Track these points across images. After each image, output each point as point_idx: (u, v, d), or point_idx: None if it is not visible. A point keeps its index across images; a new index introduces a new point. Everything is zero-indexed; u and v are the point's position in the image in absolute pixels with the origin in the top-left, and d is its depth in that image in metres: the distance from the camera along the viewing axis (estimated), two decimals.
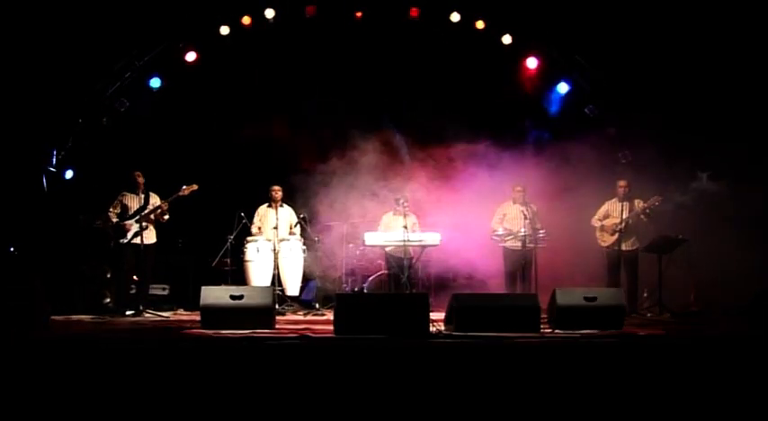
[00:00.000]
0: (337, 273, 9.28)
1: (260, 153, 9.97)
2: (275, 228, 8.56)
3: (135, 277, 8.42)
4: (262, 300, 6.49)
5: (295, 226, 8.97)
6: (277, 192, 8.89)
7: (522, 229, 8.43)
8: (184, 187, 8.23)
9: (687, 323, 7.42)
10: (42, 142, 9.77)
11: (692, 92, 9.21)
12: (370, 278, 8.56)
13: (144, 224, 8.08)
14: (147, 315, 7.97)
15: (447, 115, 9.51)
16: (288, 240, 8.75)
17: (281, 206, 8.92)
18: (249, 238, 8.73)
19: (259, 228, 8.84)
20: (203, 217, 9.33)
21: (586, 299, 6.48)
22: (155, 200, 8.33)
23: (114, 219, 8.24)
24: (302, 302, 9.02)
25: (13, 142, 9.30)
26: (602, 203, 8.74)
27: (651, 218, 8.38)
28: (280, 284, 8.51)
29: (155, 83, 10.05)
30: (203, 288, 6.50)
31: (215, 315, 6.28)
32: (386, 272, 8.65)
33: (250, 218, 8.87)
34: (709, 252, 8.25)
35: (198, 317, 6.49)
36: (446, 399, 4.40)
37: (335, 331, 5.99)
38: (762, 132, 8.68)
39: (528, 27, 10.22)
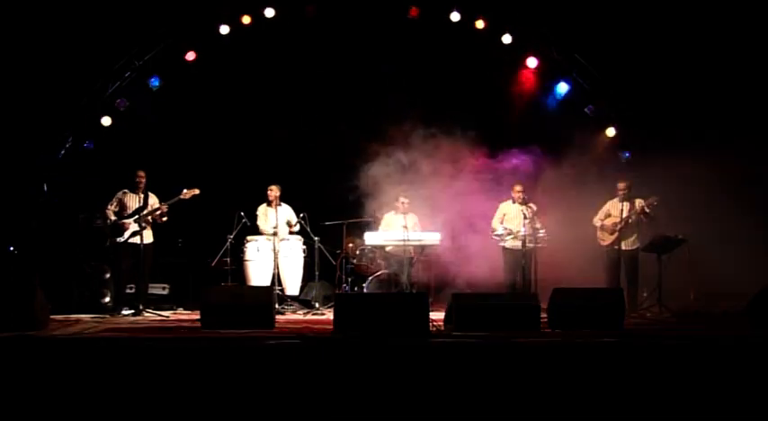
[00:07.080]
0: (337, 272, 9.28)
1: (260, 153, 9.95)
2: (275, 227, 8.55)
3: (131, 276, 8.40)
4: (261, 299, 6.49)
5: (295, 225, 8.96)
6: (273, 191, 8.86)
7: (522, 229, 8.42)
8: (185, 190, 8.13)
9: (687, 323, 7.41)
10: (42, 142, 9.76)
11: (692, 90, 9.20)
12: (370, 278, 8.54)
13: (142, 224, 8.05)
14: (147, 314, 7.95)
15: (447, 115, 9.49)
16: (288, 240, 8.75)
17: (280, 205, 8.90)
18: (249, 237, 8.72)
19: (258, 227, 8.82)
20: (203, 217, 9.31)
21: (586, 298, 6.47)
22: (153, 200, 8.26)
23: (112, 217, 8.16)
24: (302, 302, 9.02)
25: (12, 142, 9.30)
26: (604, 203, 8.74)
27: (650, 217, 8.38)
28: (280, 284, 8.50)
29: (154, 82, 10.05)
30: (203, 287, 6.50)
31: (215, 314, 6.28)
32: (386, 272, 8.64)
33: (250, 218, 8.84)
34: (709, 252, 8.24)
35: (198, 317, 6.48)
36: (446, 399, 4.40)
37: (335, 331, 5.99)
38: (762, 130, 8.67)
39: (528, 27, 10.22)
